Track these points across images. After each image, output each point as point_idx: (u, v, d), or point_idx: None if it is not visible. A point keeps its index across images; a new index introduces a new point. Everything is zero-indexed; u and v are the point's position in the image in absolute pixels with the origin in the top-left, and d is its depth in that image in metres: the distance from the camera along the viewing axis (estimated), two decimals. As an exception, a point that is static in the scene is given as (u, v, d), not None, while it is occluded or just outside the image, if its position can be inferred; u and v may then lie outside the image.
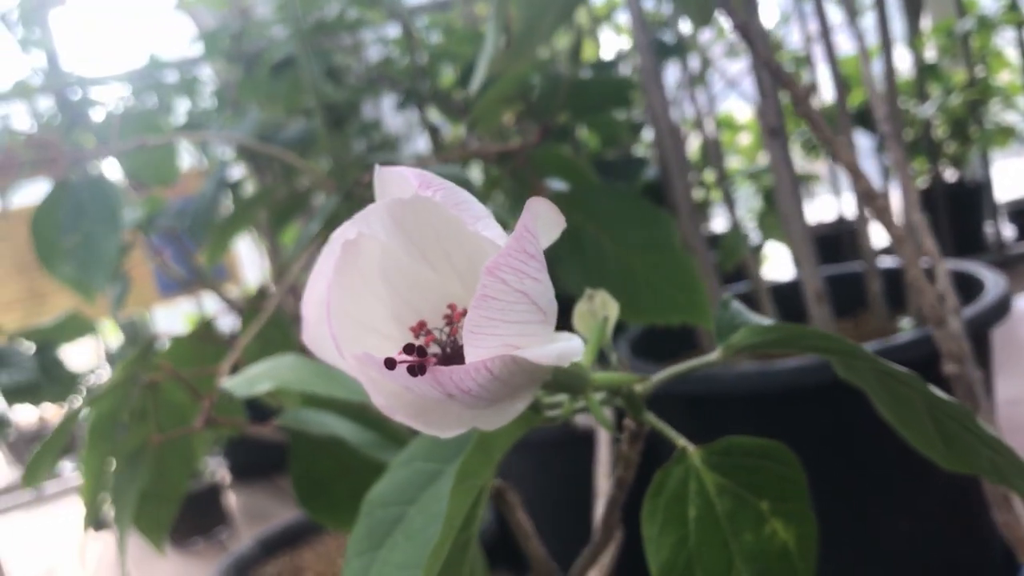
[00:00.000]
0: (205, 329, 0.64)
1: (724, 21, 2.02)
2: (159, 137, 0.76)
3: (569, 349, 0.26)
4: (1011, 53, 2.95)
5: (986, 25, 2.73)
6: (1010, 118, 2.88)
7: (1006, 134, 2.80)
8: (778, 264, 2.70)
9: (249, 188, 1.28)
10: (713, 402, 1.05)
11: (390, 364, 0.25)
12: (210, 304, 2.30)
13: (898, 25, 2.58)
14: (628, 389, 0.36)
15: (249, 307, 0.73)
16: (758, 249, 1.89)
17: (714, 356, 0.38)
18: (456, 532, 0.32)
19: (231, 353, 0.58)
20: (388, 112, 1.87)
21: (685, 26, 1.63)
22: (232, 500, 2.39)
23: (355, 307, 0.28)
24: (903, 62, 3.10)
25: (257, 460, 2.55)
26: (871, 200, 0.61)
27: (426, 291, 0.30)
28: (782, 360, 0.98)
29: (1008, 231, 3.01)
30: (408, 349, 0.28)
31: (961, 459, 0.41)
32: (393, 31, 1.83)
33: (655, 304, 0.64)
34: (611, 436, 1.08)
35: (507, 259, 0.25)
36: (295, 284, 0.75)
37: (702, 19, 1.16)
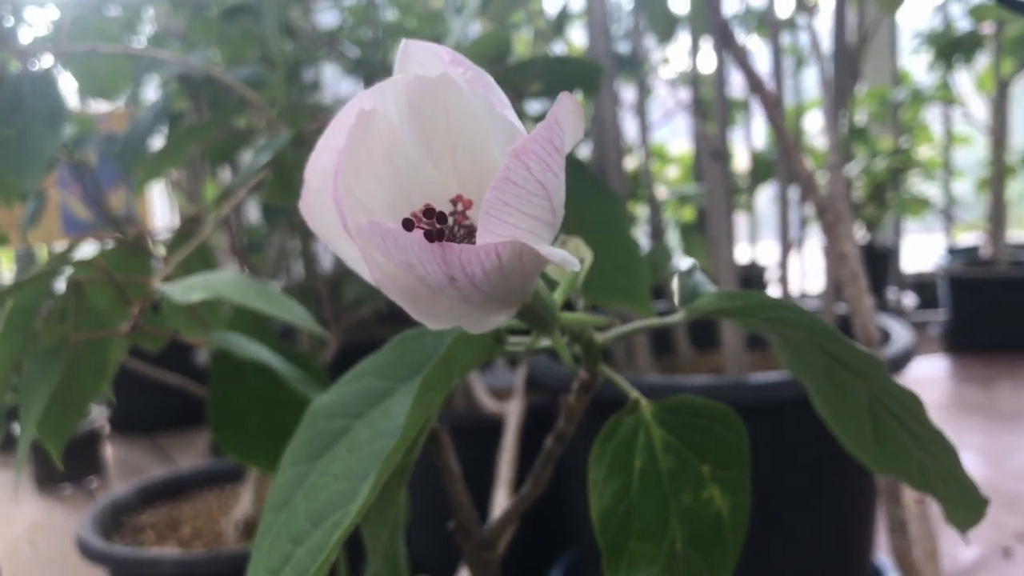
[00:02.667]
0: (137, 240, 0.62)
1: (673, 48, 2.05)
2: (113, 46, 0.74)
3: (570, 258, 0.26)
4: (936, 128, 3.07)
5: (918, 98, 2.84)
6: (927, 191, 3.00)
7: (921, 205, 2.91)
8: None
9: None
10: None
11: (408, 226, 0.24)
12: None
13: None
14: (588, 337, 0.36)
15: (179, 232, 0.71)
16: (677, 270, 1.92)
17: (677, 317, 0.38)
18: (405, 448, 0.31)
19: (163, 267, 0.56)
20: (329, 80, 1.84)
21: (643, 43, 1.65)
22: (108, 451, 2.31)
23: (356, 183, 0.27)
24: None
25: (139, 414, 2.48)
26: (831, 228, 0.63)
27: (424, 184, 0.29)
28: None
29: (909, 299, 3.12)
30: (428, 213, 0.28)
31: (891, 461, 0.42)
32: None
33: (599, 284, 0.64)
34: (520, 423, 1.09)
35: (534, 146, 0.24)
36: (228, 218, 0.73)
37: (667, 34, 1.18)
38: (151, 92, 1.82)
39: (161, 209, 2.75)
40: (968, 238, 3.42)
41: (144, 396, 2.20)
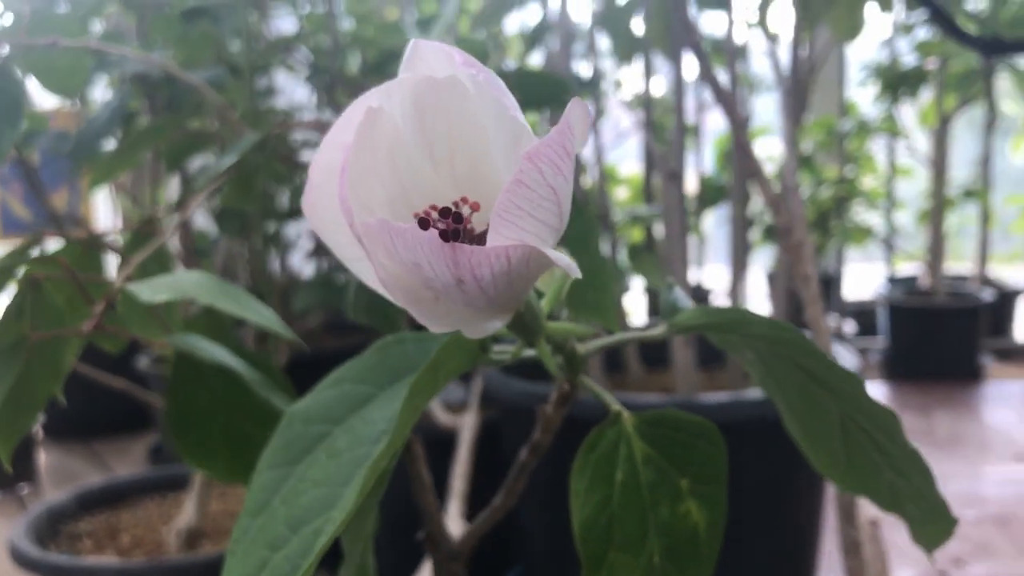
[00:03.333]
0: (93, 239, 0.61)
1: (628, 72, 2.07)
2: (75, 40, 0.72)
3: (574, 265, 0.26)
4: (880, 159, 3.14)
5: (864, 129, 2.90)
6: (870, 220, 3.07)
7: (864, 234, 2.97)
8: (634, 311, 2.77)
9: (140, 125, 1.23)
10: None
11: (424, 224, 0.24)
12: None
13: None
14: (570, 348, 0.36)
15: (135, 233, 0.69)
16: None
17: (659, 331, 0.38)
18: (391, 455, 0.31)
19: (123, 267, 0.55)
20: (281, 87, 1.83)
21: (599, 63, 1.66)
22: (41, 457, 2.25)
23: (359, 181, 0.27)
24: (778, 149, 3.26)
25: (74, 419, 2.42)
26: (796, 250, 0.64)
27: (423, 186, 0.29)
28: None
29: (849, 326, 3.18)
30: (444, 213, 0.27)
31: (860, 480, 0.43)
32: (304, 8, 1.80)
33: (568, 297, 0.64)
34: (474, 437, 1.08)
35: (547, 150, 0.24)
36: (187, 220, 0.72)
37: (627, 55, 1.19)
38: (99, 91, 1.79)
39: (104, 210, 2.70)
40: (907, 268, 3.49)
41: (80, 400, 2.15)
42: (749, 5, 1.49)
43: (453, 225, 0.27)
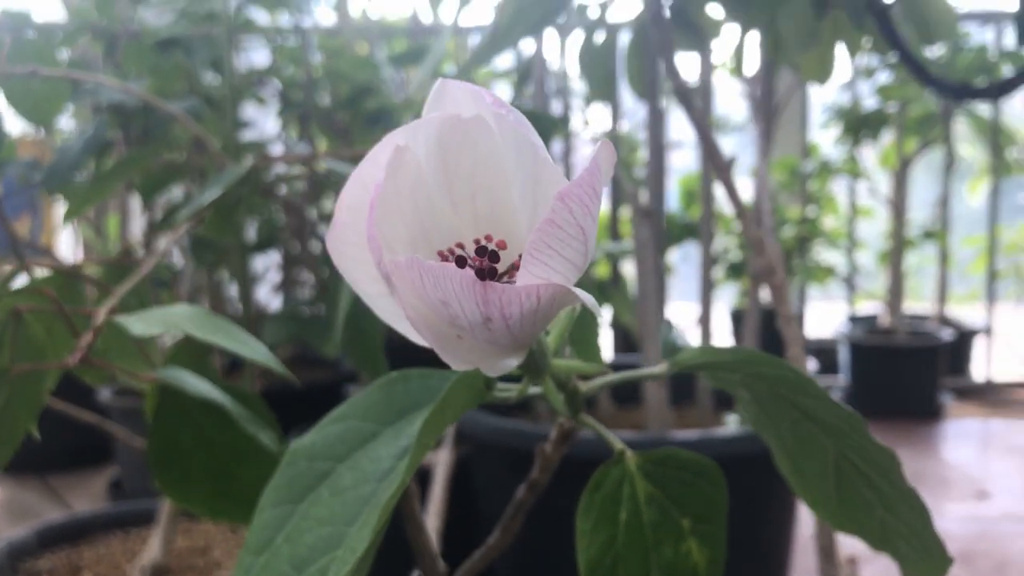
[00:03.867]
0: (77, 270, 0.60)
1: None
2: (55, 69, 0.71)
3: (595, 303, 0.26)
4: (842, 200, 3.19)
5: (826, 170, 2.95)
6: (832, 260, 3.11)
7: (826, 273, 3.01)
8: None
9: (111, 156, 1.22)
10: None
11: (461, 263, 0.24)
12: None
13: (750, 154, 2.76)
14: (572, 386, 0.36)
15: (113, 263, 0.68)
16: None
17: (659, 369, 0.38)
18: (400, 492, 0.30)
19: (109, 298, 0.54)
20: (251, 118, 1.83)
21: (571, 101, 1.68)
22: (-4, 492, 2.20)
23: (384, 219, 0.27)
24: (744, 189, 3.30)
25: (30, 454, 2.36)
26: (770, 276, 0.65)
27: (441, 226, 0.29)
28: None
29: (811, 364, 3.21)
30: (481, 251, 0.27)
31: (851, 519, 0.43)
32: (277, 41, 1.81)
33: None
34: (449, 474, 1.07)
35: (578, 190, 0.24)
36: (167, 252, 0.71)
37: (605, 95, 1.20)
38: (64, 121, 1.77)
39: (66, 239, 2.67)
40: (867, 307, 3.54)
41: (35, 435, 2.10)
42: (723, 48, 1.51)
43: (489, 264, 0.27)
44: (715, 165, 0.66)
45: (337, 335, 0.63)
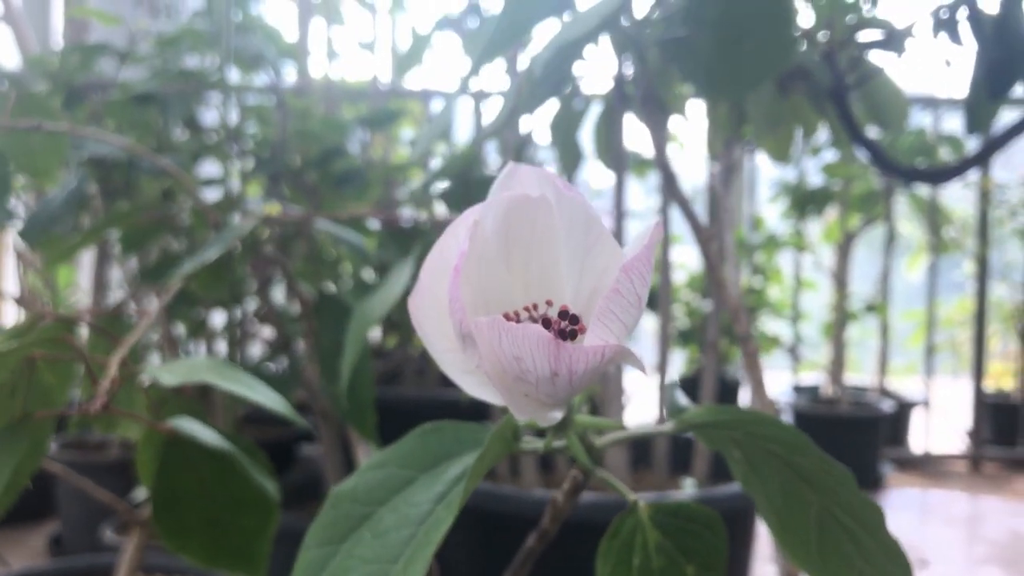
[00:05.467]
0: (72, 319, 0.62)
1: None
2: (57, 124, 0.73)
3: (642, 362, 0.29)
4: (787, 272, 3.28)
5: (772, 243, 3.04)
6: (776, 330, 3.19)
7: (771, 343, 3.08)
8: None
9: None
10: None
11: (547, 324, 0.27)
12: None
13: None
14: (588, 440, 0.39)
15: (109, 314, 0.70)
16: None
17: (667, 427, 0.42)
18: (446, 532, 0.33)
19: (120, 347, 0.56)
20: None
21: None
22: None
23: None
24: (693, 260, 3.39)
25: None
26: (752, 357, 0.69)
27: (499, 290, 0.32)
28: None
29: (755, 431, 3.26)
30: (563, 315, 0.30)
31: (828, 570, 0.46)
32: (250, 99, 1.84)
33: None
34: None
35: (638, 263, 0.28)
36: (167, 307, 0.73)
37: (572, 166, 1.25)
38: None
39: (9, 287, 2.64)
40: (809, 377, 3.62)
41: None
42: (684, 127, 1.58)
43: (570, 327, 0.31)
44: (696, 233, 0.70)
45: (343, 386, 0.65)
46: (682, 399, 0.43)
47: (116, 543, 1.55)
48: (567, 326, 0.31)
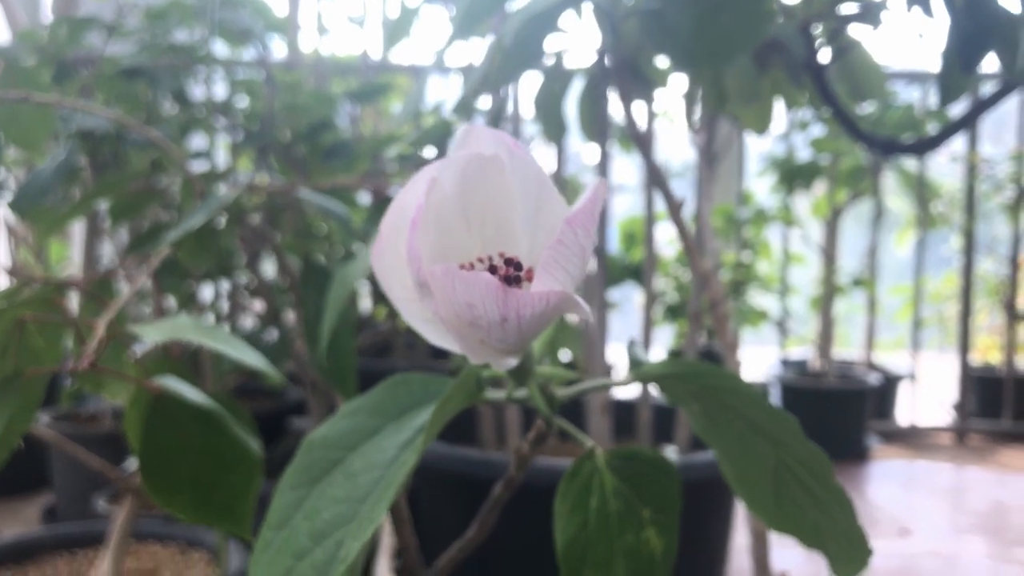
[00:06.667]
0: (62, 284, 0.63)
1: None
2: (46, 96, 0.75)
3: (589, 310, 0.31)
4: (775, 246, 3.31)
5: (760, 218, 3.06)
6: (765, 304, 3.21)
7: (759, 317, 3.10)
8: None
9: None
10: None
11: (493, 271, 0.29)
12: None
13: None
14: (549, 392, 0.41)
15: (98, 281, 0.72)
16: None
17: (626, 378, 0.44)
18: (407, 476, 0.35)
19: (108, 310, 0.58)
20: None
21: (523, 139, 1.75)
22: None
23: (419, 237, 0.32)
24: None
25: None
26: (714, 308, 0.71)
27: (456, 244, 0.34)
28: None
29: (743, 404, 3.29)
30: (508, 262, 0.33)
31: (787, 520, 0.49)
32: (241, 73, 1.85)
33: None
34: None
35: (582, 215, 0.30)
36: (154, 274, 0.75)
37: (557, 136, 1.27)
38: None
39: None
40: (797, 351, 3.65)
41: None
42: (666, 97, 1.59)
43: (514, 272, 0.33)
44: (668, 205, 0.72)
45: (322, 351, 0.67)
46: (642, 354, 0.45)
47: (109, 512, 1.57)
48: (512, 272, 0.33)
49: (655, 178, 0.80)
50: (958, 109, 1.14)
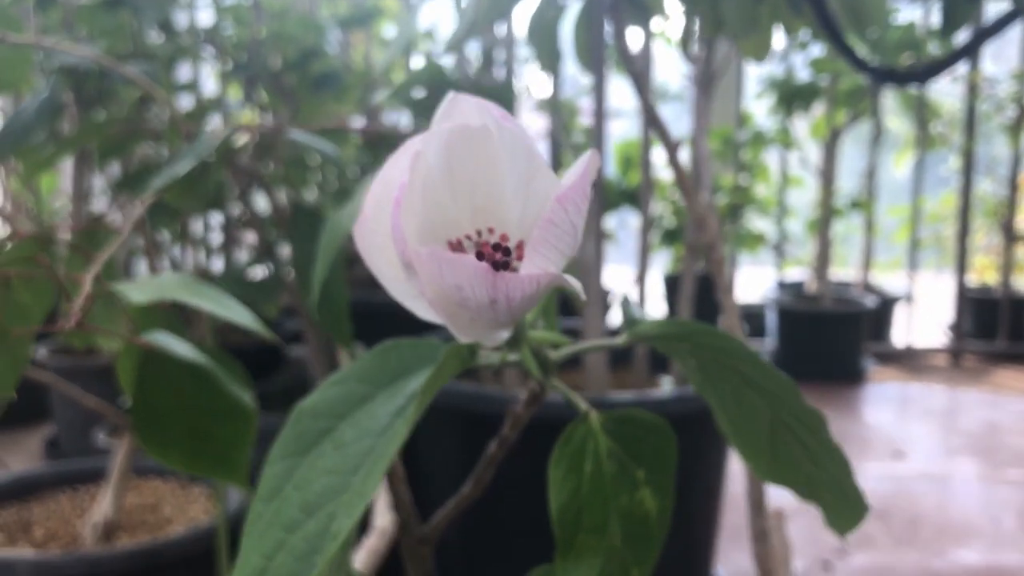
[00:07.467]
0: (47, 235, 0.62)
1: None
2: (22, 36, 0.73)
3: (581, 288, 0.30)
4: (773, 169, 3.28)
5: (759, 140, 3.03)
6: (762, 227, 3.20)
7: (756, 240, 3.10)
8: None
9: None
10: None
11: (480, 256, 0.28)
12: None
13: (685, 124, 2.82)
14: (543, 354, 0.41)
15: (85, 229, 0.71)
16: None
17: (622, 339, 0.43)
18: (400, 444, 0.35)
19: (94, 264, 0.57)
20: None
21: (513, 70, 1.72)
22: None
23: (403, 213, 0.31)
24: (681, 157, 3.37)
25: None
26: (711, 251, 0.70)
27: (444, 219, 0.33)
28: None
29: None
30: (495, 247, 0.32)
31: (782, 473, 0.49)
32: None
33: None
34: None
35: (572, 193, 0.29)
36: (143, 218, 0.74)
37: (551, 65, 1.24)
38: None
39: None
40: (794, 273, 3.65)
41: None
42: (667, 25, 1.56)
43: (503, 258, 0.32)
44: (663, 142, 0.71)
45: (314, 298, 0.67)
46: (636, 311, 0.44)
47: (109, 445, 1.58)
48: (501, 258, 0.32)
49: (650, 118, 0.78)
50: (961, 36, 1.11)
